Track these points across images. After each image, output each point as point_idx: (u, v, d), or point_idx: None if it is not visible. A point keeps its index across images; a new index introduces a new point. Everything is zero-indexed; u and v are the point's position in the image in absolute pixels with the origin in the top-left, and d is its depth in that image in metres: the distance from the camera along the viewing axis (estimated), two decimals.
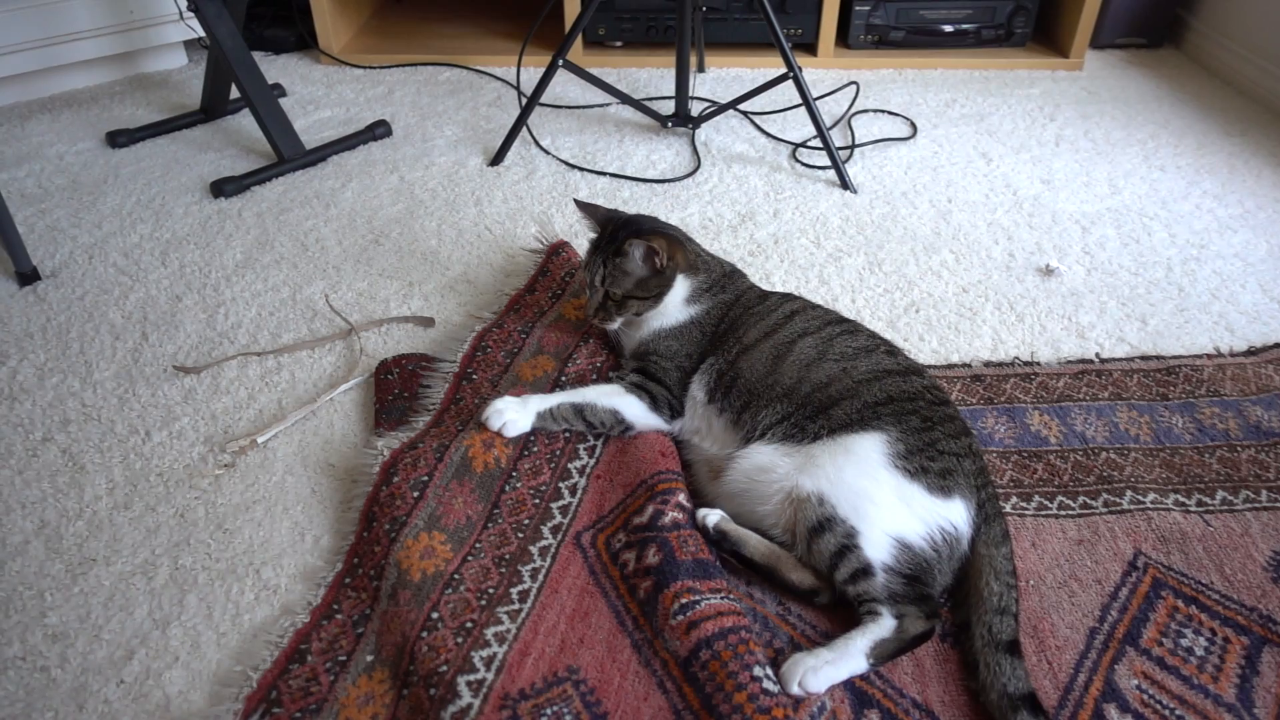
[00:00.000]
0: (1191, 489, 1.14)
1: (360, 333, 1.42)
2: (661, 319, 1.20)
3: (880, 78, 2.39)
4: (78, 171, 1.89)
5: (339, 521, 1.10)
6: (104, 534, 1.08)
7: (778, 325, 1.15)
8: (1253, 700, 0.90)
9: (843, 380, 1.07)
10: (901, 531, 0.95)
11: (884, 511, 0.96)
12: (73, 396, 1.29)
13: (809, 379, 1.08)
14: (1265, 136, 2.07)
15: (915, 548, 0.95)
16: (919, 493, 0.97)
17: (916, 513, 0.96)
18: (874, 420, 1.02)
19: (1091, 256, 1.63)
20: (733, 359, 1.13)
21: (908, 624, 0.92)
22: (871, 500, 0.96)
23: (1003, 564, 0.97)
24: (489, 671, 0.89)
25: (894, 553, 0.94)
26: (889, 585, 0.93)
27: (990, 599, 0.94)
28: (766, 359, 1.11)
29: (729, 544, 1.02)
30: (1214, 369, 1.34)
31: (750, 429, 1.08)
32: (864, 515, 0.95)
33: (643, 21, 2.43)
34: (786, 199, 1.81)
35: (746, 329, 1.16)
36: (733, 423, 1.10)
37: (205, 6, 1.77)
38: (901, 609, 0.93)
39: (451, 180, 1.87)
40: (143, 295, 1.51)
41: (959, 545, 0.97)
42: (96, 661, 0.94)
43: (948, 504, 0.97)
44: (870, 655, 0.91)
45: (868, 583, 0.94)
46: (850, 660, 0.91)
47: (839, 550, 0.95)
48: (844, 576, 0.95)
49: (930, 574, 0.95)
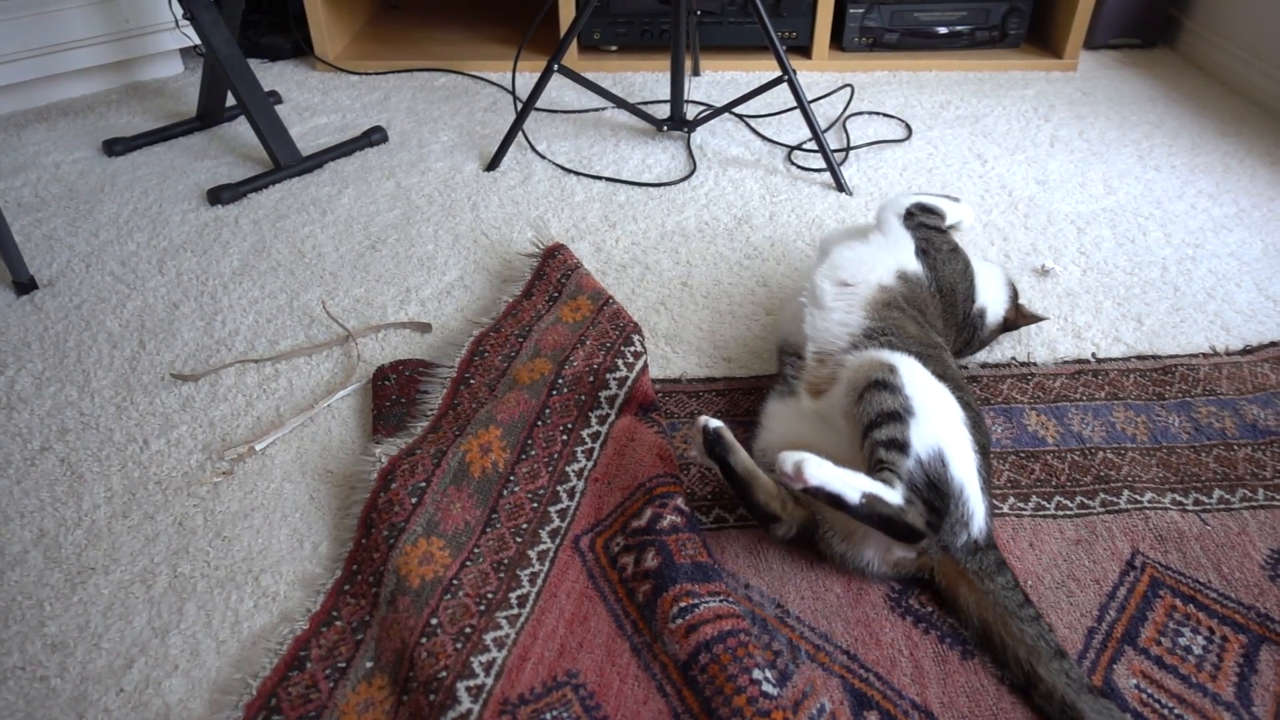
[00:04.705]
0: (1189, 488, 1.14)
1: (357, 339, 1.42)
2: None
3: (875, 80, 2.39)
4: (74, 180, 1.89)
5: (337, 528, 1.10)
6: (103, 543, 1.08)
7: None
8: (1251, 698, 0.90)
9: (953, 374, 1.09)
10: (947, 450, 0.94)
11: (945, 424, 0.96)
12: (70, 405, 1.29)
13: (935, 356, 1.10)
14: (1259, 136, 2.07)
15: (949, 471, 0.94)
16: (971, 459, 0.97)
17: (962, 459, 0.95)
18: (961, 406, 1.03)
19: (1087, 257, 1.64)
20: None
21: (911, 512, 0.92)
22: (940, 408, 0.96)
23: (1011, 600, 0.95)
24: (488, 677, 0.89)
25: (931, 457, 0.94)
26: (913, 473, 0.93)
27: (1040, 644, 0.91)
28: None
29: (720, 448, 1.00)
30: (1210, 368, 1.34)
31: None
32: (926, 409, 0.95)
33: (637, 26, 2.43)
34: (782, 202, 1.81)
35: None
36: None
37: (200, 14, 1.78)
38: (913, 497, 0.93)
39: (448, 185, 1.87)
40: (140, 303, 1.51)
41: (962, 531, 0.96)
42: (96, 670, 0.94)
43: (979, 495, 0.97)
44: (865, 499, 0.91)
45: (898, 456, 0.94)
46: (850, 485, 0.91)
47: (890, 412, 0.95)
48: (881, 437, 0.95)
49: (947, 502, 0.94)
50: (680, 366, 1.36)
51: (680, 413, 1.27)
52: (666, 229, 1.72)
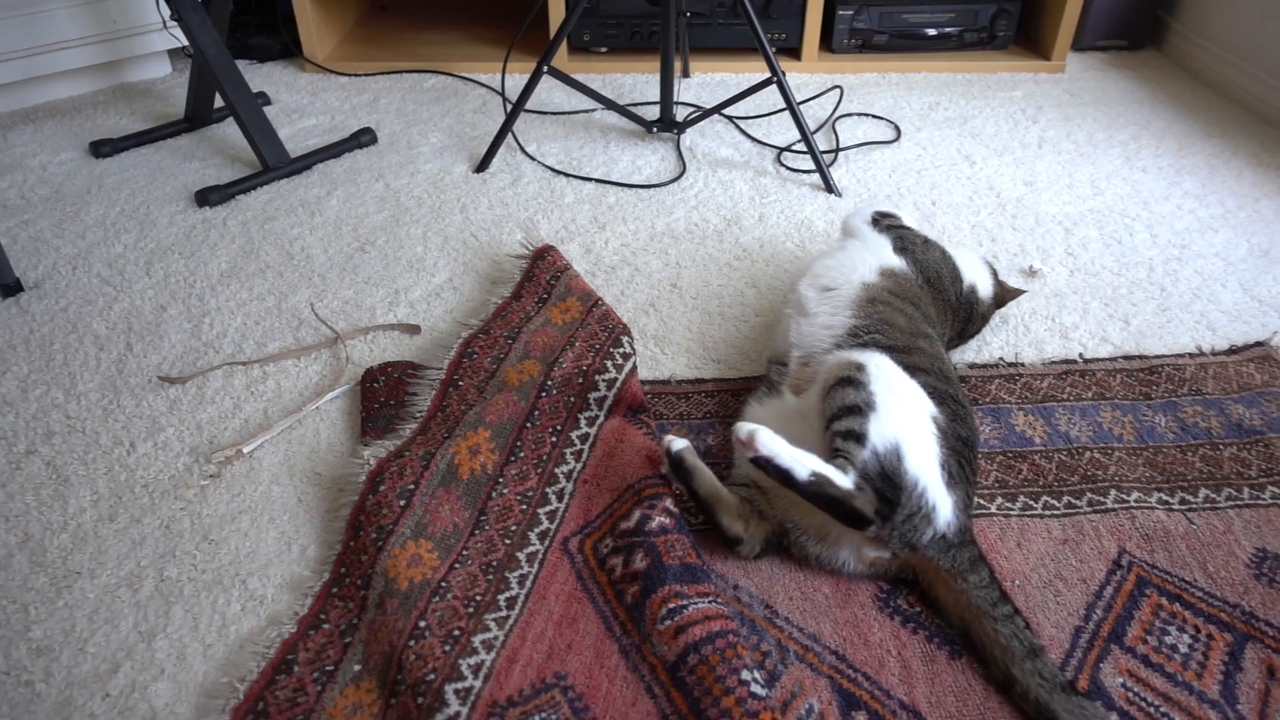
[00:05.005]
0: (1175, 487, 1.15)
1: (346, 341, 1.42)
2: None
3: (864, 81, 2.40)
4: (61, 182, 1.88)
5: (325, 531, 1.09)
6: (89, 546, 1.08)
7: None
8: (1236, 696, 0.91)
9: (941, 367, 1.11)
10: (904, 445, 0.96)
11: (905, 420, 0.97)
12: (56, 408, 1.28)
13: (925, 349, 1.12)
14: (1245, 137, 2.09)
15: (904, 465, 0.95)
16: (934, 454, 0.98)
17: (922, 454, 0.96)
18: (939, 401, 1.04)
19: (1074, 257, 1.64)
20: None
21: (860, 498, 0.94)
22: (901, 405, 0.98)
23: (985, 599, 0.95)
24: (477, 679, 0.89)
25: (889, 451, 0.95)
26: (867, 463, 0.95)
27: (1013, 644, 0.92)
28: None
29: (683, 473, 1.05)
30: (1196, 368, 1.35)
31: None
32: (888, 406, 0.97)
33: (627, 27, 2.43)
34: (772, 203, 1.82)
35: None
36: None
37: (188, 15, 1.77)
38: (864, 485, 0.94)
39: (437, 187, 1.87)
40: (127, 306, 1.50)
41: (926, 526, 0.96)
42: (81, 675, 0.94)
43: (943, 489, 0.97)
44: (814, 478, 0.93)
45: (855, 446, 0.96)
46: (800, 462, 0.93)
47: (852, 406, 0.97)
48: (840, 429, 0.97)
49: (900, 495, 0.95)
50: (669, 368, 1.37)
51: (669, 414, 1.27)
52: (656, 230, 1.72)
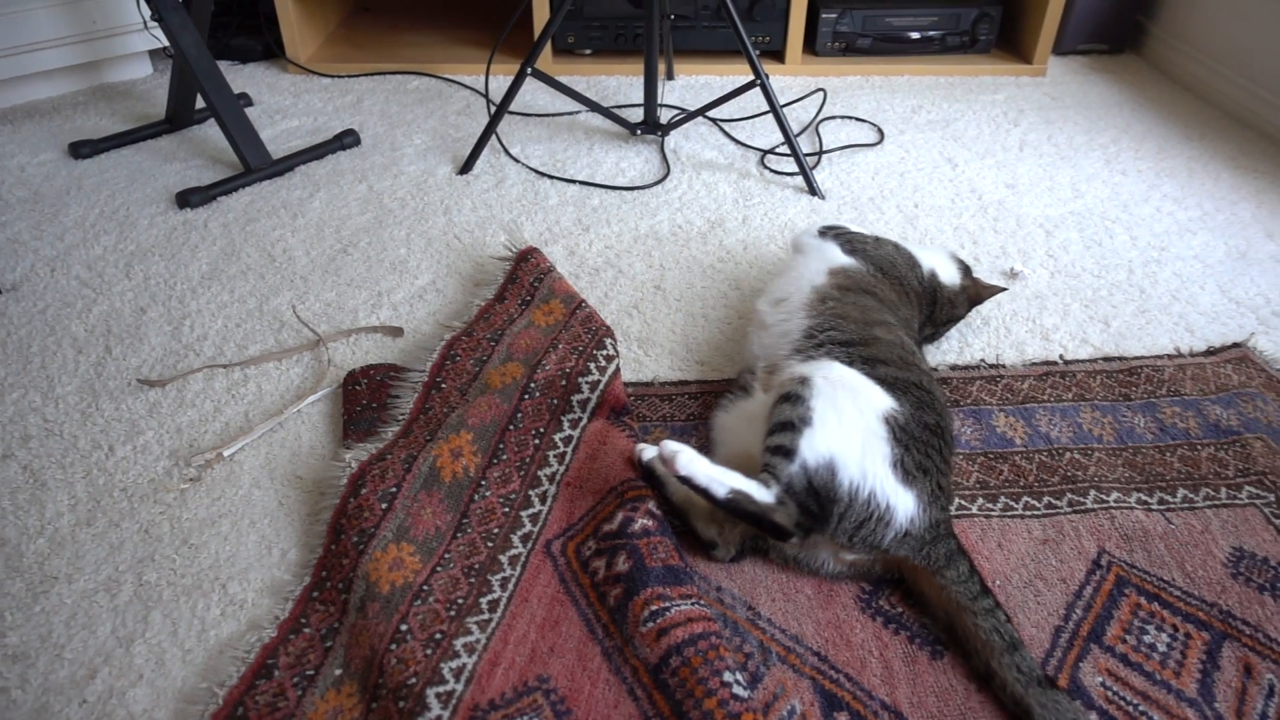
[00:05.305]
0: (1154, 487, 1.16)
1: (328, 343, 1.41)
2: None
3: (847, 84, 2.41)
4: (39, 183, 1.87)
5: (307, 535, 1.09)
6: (66, 551, 1.07)
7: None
8: (1213, 694, 0.92)
9: (901, 354, 1.12)
10: (840, 458, 0.97)
11: (842, 432, 0.99)
12: (34, 411, 1.27)
13: (883, 338, 1.15)
14: (1223, 140, 2.11)
15: (838, 478, 0.97)
16: (882, 455, 0.98)
17: (864, 462, 0.98)
18: (901, 391, 1.06)
19: (1055, 260, 1.65)
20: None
21: (780, 511, 0.96)
22: (840, 416, 0.99)
23: (965, 593, 0.96)
24: (458, 683, 0.89)
25: (820, 465, 0.97)
26: (794, 478, 0.97)
27: (993, 638, 0.93)
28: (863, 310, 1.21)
29: (655, 481, 1.10)
30: (1174, 369, 1.36)
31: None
32: (824, 419, 0.99)
33: (611, 29, 2.43)
34: (755, 205, 1.82)
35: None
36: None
37: (169, 16, 1.76)
38: (786, 499, 0.96)
39: (420, 189, 1.86)
40: (106, 308, 1.49)
41: (884, 528, 0.97)
42: (58, 681, 0.93)
43: (899, 487, 0.98)
44: (732, 494, 0.96)
45: (783, 461, 0.98)
46: (719, 480, 0.96)
47: (787, 422, 0.99)
48: (772, 444, 1.00)
49: (830, 507, 0.97)
50: (653, 370, 1.37)
51: (653, 416, 1.27)
52: (640, 232, 1.72)
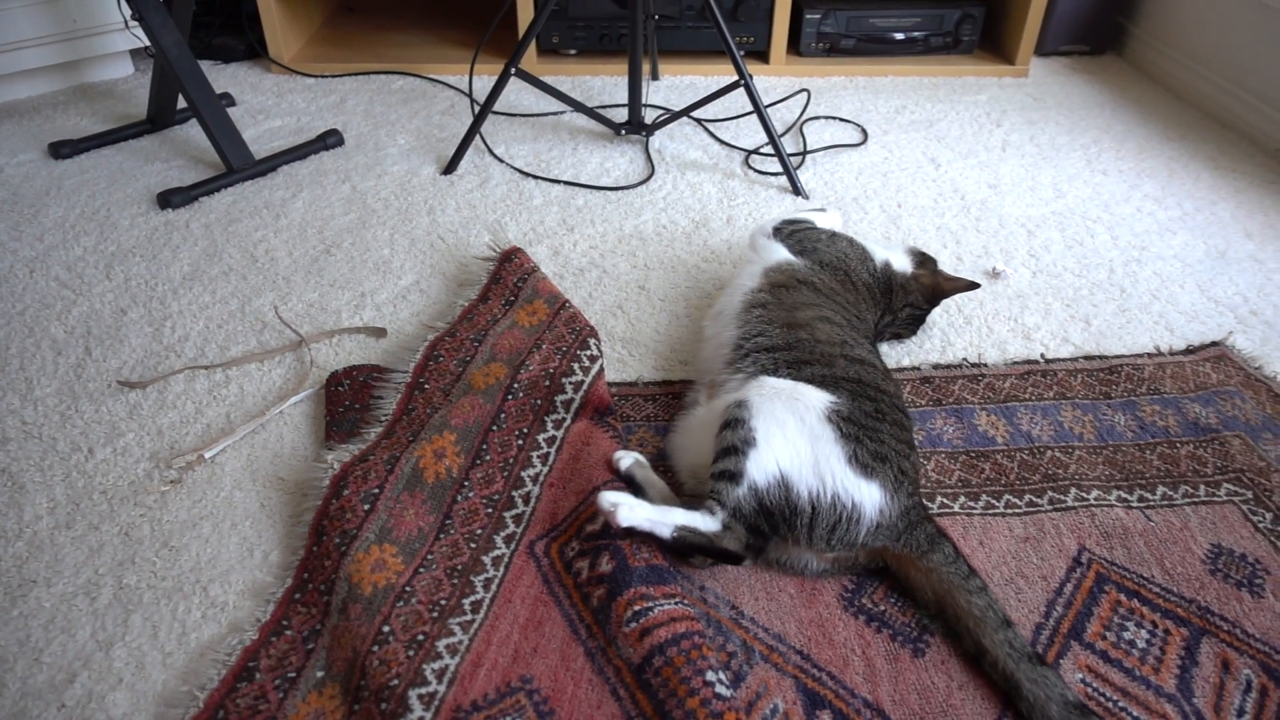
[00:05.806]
0: (1133, 485, 1.17)
1: (311, 344, 1.40)
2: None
3: (831, 85, 2.42)
4: (19, 184, 1.85)
5: (289, 536, 1.08)
6: (45, 554, 1.06)
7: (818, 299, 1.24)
8: (1192, 690, 0.93)
9: (829, 349, 1.13)
10: (791, 471, 0.97)
11: (787, 446, 0.99)
12: (12, 414, 1.26)
13: (806, 338, 1.15)
14: (1203, 141, 2.13)
15: (794, 491, 0.97)
16: (836, 455, 0.98)
17: (819, 467, 0.98)
18: (833, 386, 1.06)
19: (1037, 259, 1.67)
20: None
21: (727, 537, 0.96)
22: (783, 430, 0.99)
23: (955, 573, 0.97)
24: (441, 684, 0.89)
25: (770, 483, 0.97)
26: (742, 501, 0.97)
27: (988, 615, 0.94)
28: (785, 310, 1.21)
29: (634, 488, 1.10)
30: (1154, 368, 1.37)
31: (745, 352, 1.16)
32: (769, 437, 0.99)
33: (596, 29, 2.43)
34: (740, 205, 1.82)
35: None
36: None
37: (149, 15, 1.74)
38: (733, 523, 0.96)
39: (404, 189, 1.86)
40: (86, 309, 1.48)
41: (856, 525, 0.98)
42: (36, 686, 0.92)
43: (861, 481, 0.98)
44: (678, 532, 0.97)
45: (728, 486, 0.98)
46: (661, 522, 0.97)
47: (730, 447, 0.99)
48: (717, 470, 1.00)
49: (790, 522, 0.97)
50: (637, 370, 1.37)
51: (636, 416, 1.27)
52: (624, 232, 1.72)
